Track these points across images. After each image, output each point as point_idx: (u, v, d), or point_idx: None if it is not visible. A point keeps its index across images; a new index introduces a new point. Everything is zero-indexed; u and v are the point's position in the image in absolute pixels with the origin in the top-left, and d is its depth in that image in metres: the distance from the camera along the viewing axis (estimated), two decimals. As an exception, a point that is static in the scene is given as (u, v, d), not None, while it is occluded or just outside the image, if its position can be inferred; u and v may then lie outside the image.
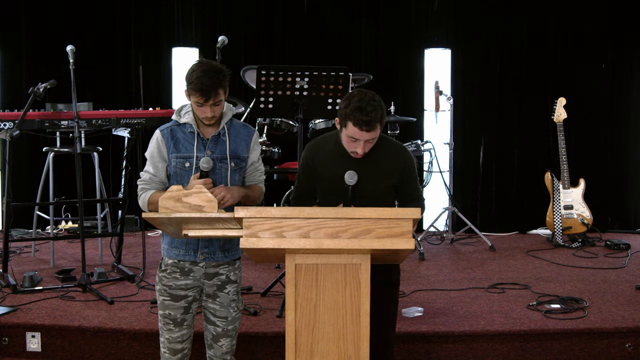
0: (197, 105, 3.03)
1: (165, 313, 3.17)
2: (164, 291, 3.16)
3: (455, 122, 6.61)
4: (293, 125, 5.80)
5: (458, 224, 6.68)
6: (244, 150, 3.19)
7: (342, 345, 2.69)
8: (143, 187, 3.15)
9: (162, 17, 7.06)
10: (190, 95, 3.04)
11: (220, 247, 3.15)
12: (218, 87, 3.00)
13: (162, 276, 3.17)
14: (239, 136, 3.19)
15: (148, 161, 3.16)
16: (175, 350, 3.19)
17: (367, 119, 2.95)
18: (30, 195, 6.07)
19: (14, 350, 4.09)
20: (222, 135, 3.15)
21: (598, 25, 6.96)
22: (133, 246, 6.11)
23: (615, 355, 4.02)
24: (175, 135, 3.13)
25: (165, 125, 3.18)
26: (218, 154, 3.13)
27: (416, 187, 3.25)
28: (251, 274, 5.22)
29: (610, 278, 5.15)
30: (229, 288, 3.18)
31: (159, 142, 3.13)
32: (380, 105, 3.01)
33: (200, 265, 3.15)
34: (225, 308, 3.18)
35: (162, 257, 3.20)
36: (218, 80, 2.99)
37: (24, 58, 6.92)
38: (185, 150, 3.12)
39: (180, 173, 3.11)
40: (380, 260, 2.82)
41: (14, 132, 4.71)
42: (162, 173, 3.14)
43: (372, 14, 7.05)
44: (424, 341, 4.01)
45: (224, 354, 3.22)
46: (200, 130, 3.13)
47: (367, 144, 3.04)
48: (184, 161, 3.11)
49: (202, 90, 2.97)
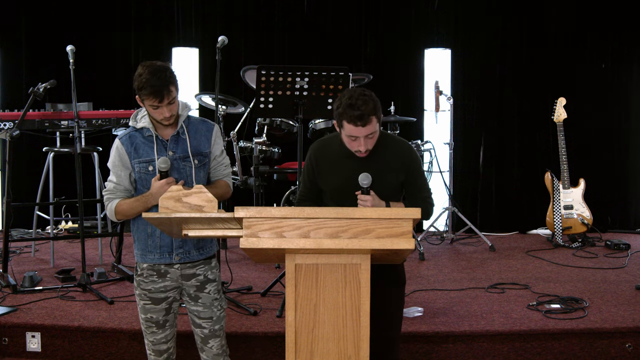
0: (153, 109, 3.00)
1: (147, 317, 3.17)
2: (144, 295, 3.15)
3: (455, 122, 6.61)
4: (293, 125, 5.80)
5: (458, 224, 6.68)
6: (205, 146, 3.16)
7: (342, 345, 2.69)
8: (108, 197, 3.13)
9: (162, 17, 7.07)
10: (143, 100, 3.01)
11: (195, 246, 3.14)
12: (169, 84, 2.97)
13: (140, 280, 3.16)
14: (199, 132, 3.17)
15: (111, 171, 3.15)
16: (161, 352, 3.20)
17: (358, 113, 2.94)
18: (30, 195, 6.07)
19: (14, 350, 4.09)
20: (182, 134, 3.12)
21: (598, 25, 6.97)
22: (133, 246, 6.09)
23: (615, 355, 4.02)
24: (134, 141, 3.10)
25: (123, 132, 3.16)
26: (180, 153, 3.11)
27: (424, 186, 3.22)
28: (251, 274, 5.22)
29: (610, 278, 5.15)
30: (209, 287, 3.17)
31: (120, 150, 3.11)
32: (372, 99, 2.99)
33: (176, 267, 3.14)
34: (209, 308, 3.17)
35: (136, 263, 3.20)
36: (167, 78, 2.96)
37: (24, 58, 6.93)
38: (146, 155, 3.09)
39: (145, 177, 3.09)
40: (380, 260, 2.82)
41: (14, 132, 4.71)
42: (125, 181, 3.12)
43: (372, 14, 7.05)
44: (424, 341, 4.01)
45: (215, 356, 3.21)
46: (159, 133, 3.11)
47: (368, 140, 3.02)
48: (147, 165, 3.09)
49: (154, 93, 2.94)
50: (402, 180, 3.16)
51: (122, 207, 3.07)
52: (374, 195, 3.01)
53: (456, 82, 7.01)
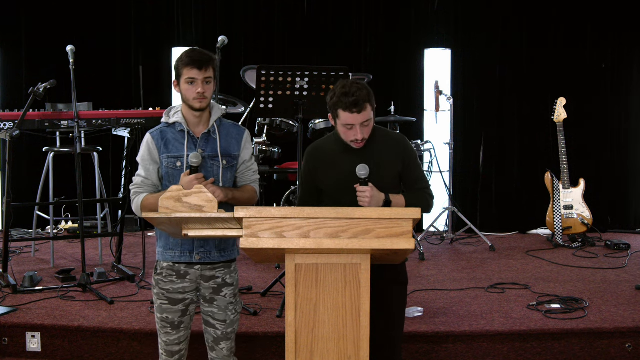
0: (189, 84, 3.03)
1: (163, 317, 3.16)
2: (162, 295, 3.15)
3: (455, 122, 6.61)
4: (293, 125, 5.80)
5: (458, 224, 6.68)
6: (235, 149, 3.17)
7: (342, 345, 2.69)
8: (136, 191, 3.13)
9: (162, 17, 7.07)
10: (180, 75, 3.05)
11: (216, 247, 3.14)
12: (209, 60, 3.04)
13: (159, 280, 3.16)
14: (230, 134, 3.18)
15: (140, 165, 3.15)
16: (173, 352, 3.19)
17: (353, 99, 2.97)
18: (30, 195, 6.07)
19: (14, 350, 4.09)
20: (213, 133, 3.13)
21: (598, 25, 6.97)
22: (133, 246, 6.11)
23: (615, 355, 4.02)
24: (165, 136, 3.12)
25: (155, 127, 3.18)
26: (209, 152, 3.11)
27: (421, 176, 3.23)
28: (251, 274, 5.22)
29: (610, 278, 5.15)
30: (226, 291, 3.17)
31: (149, 145, 3.12)
32: (365, 86, 3.03)
33: (196, 268, 3.14)
34: (223, 311, 3.17)
35: (157, 261, 3.19)
36: (209, 56, 3.05)
37: (24, 58, 6.93)
38: (175, 150, 3.10)
39: (172, 173, 3.10)
40: (381, 260, 2.82)
41: (14, 132, 4.71)
42: (153, 175, 3.13)
43: (372, 14, 7.05)
44: (424, 341, 4.01)
45: (225, 357, 3.22)
46: (190, 129, 3.12)
47: (364, 128, 3.03)
48: (175, 161, 3.10)
49: (194, 62, 3.00)
50: (399, 172, 3.17)
51: (148, 201, 3.05)
52: (372, 186, 3.01)
53: (456, 82, 7.00)
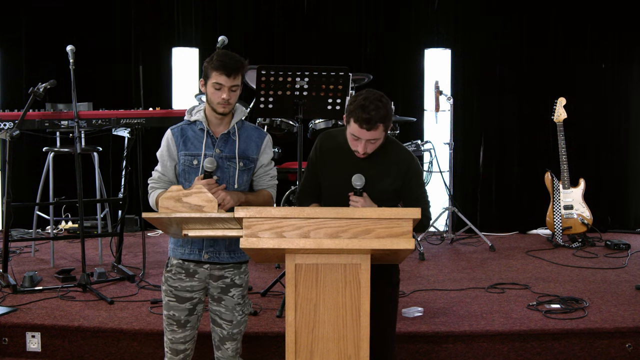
0: (215, 89, 3.03)
1: (169, 314, 3.17)
2: (170, 292, 3.16)
3: (455, 122, 6.61)
4: (293, 125, 5.80)
5: (458, 224, 6.68)
6: (253, 152, 3.17)
7: (342, 345, 2.69)
8: (152, 187, 3.17)
9: (162, 17, 7.06)
10: (208, 77, 3.03)
11: (226, 248, 3.13)
12: (239, 68, 3.02)
13: (168, 277, 3.17)
14: (250, 138, 3.18)
15: (159, 160, 3.19)
16: (178, 351, 3.19)
17: (367, 117, 2.95)
18: (30, 195, 6.07)
19: (14, 350, 4.09)
20: (232, 134, 3.14)
21: (598, 25, 6.97)
22: (133, 246, 6.11)
23: (615, 355, 4.02)
24: (185, 134, 3.14)
25: (177, 124, 3.20)
26: (227, 153, 3.12)
27: (422, 198, 3.19)
28: (251, 274, 5.21)
29: (610, 278, 5.15)
30: (234, 292, 3.17)
31: (169, 141, 3.15)
32: (385, 107, 2.98)
33: (205, 267, 3.14)
34: (230, 311, 3.17)
35: (168, 257, 3.21)
36: (240, 63, 3.02)
37: (24, 58, 6.93)
38: (193, 148, 3.12)
39: (188, 170, 3.12)
40: (380, 260, 2.82)
41: (14, 132, 4.71)
42: (170, 172, 3.15)
43: (372, 14, 7.05)
44: (424, 341, 4.01)
45: (230, 357, 3.22)
46: (211, 129, 3.13)
47: (369, 144, 3.03)
48: (192, 159, 3.11)
49: (224, 67, 2.98)
50: (397, 188, 3.15)
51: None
52: (366, 197, 3.01)
53: (456, 82, 7.01)
